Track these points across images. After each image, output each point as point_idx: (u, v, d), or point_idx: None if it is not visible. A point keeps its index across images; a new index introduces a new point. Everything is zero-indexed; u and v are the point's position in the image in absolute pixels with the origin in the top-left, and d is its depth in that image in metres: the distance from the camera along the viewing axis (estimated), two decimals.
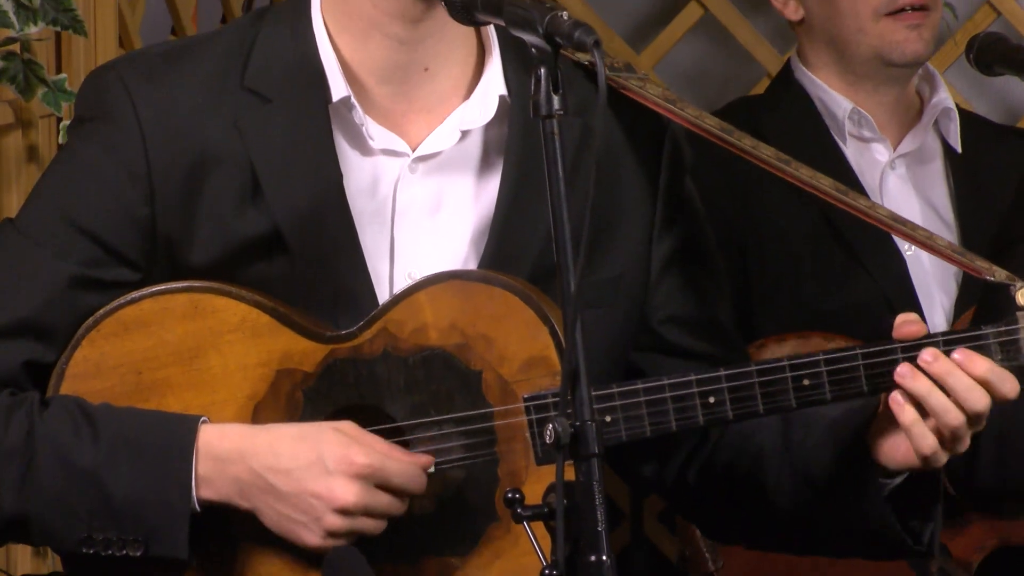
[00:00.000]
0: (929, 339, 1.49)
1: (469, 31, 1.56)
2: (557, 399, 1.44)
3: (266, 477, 1.45)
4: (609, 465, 1.52)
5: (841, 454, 1.55)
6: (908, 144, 2.99)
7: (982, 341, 1.49)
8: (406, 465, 1.48)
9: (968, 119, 3.10)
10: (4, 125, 2.44)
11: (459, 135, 1.58)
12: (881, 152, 2.98)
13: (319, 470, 1.44)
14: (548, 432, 1.26)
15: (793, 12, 3.05)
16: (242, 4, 3.77)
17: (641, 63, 6.88)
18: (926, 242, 1.62)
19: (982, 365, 1.46)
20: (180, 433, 1.48)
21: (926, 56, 2.98)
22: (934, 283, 2.91)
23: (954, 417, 1.46)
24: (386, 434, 1.50)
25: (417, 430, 1.52)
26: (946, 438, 1.47)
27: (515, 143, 1.57)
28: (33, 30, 2.32)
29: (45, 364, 1.53)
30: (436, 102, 1.59)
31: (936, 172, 3.01)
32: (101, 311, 1.51)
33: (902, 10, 2.89)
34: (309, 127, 1.55)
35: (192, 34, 3.50)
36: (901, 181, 2.98)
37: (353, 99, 1.56)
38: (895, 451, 1.50)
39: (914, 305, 2.79)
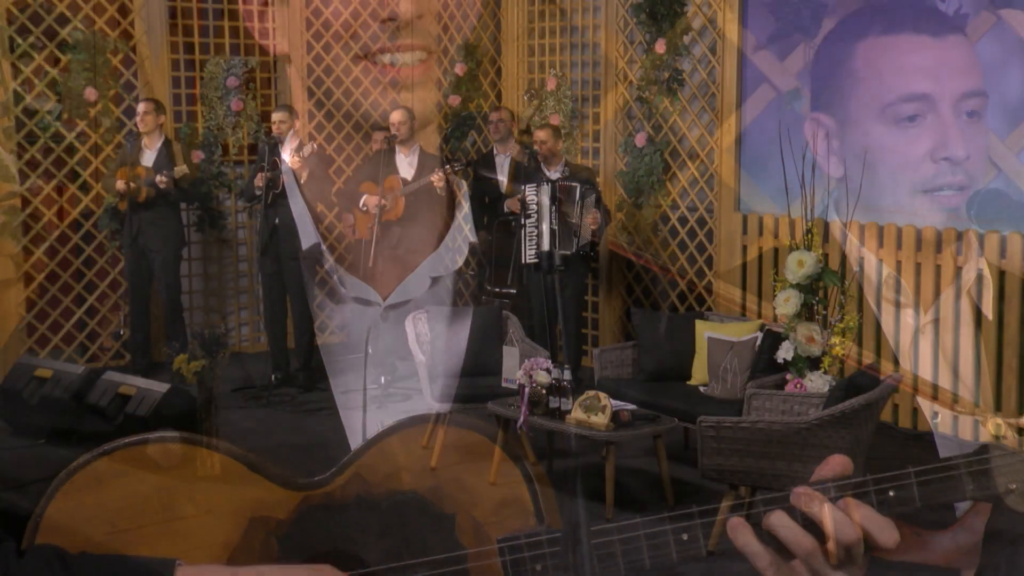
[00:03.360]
0: (911, 469, 1.47)
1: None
2: (530, 540, 1.44)
3: None
4: None
5: None
6: (939, 309, 2.95)
7: (953, 472, 1.46)
8: None
9: None
10: (4, 280, 2.48)
11: (429, 282, 1.60)
12: (912, 316, 2.96)
13: None
14: None
15: (834, 169, 3.07)
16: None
17: (644, 216, 7.00)
18: None
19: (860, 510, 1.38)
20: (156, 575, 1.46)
21: (963, 261, 2.96)
22: None
23: (807, 544, 1.39)
24: None
25: (391, 575, 1.51)
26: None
27: None
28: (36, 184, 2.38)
29: (18, 516, 1.53)
30: (405, 251, 1.62)
31: (966, 337, 2.97)
32: (74, 463, 1.52)
33: (940, 189, 2.90)
34: (284, 273, 1.58)
35: None
36: (930, 346, 2.95)
37: (323, 246, 1.58)
38: None
39: None
